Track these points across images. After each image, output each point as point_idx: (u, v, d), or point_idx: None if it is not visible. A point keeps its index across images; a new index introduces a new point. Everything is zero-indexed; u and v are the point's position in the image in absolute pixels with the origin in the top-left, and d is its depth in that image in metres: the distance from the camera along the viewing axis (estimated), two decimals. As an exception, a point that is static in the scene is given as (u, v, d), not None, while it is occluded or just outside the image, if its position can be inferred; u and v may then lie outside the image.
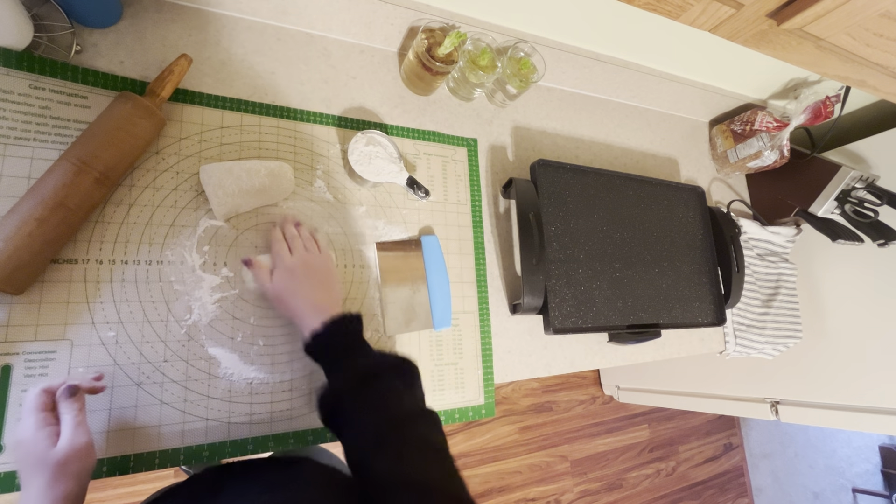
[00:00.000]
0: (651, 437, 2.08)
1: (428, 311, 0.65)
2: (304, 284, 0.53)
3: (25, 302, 0.47)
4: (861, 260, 1.00)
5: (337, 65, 0.69)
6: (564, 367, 0.77)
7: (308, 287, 0.53)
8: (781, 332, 1.02)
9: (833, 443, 2.41)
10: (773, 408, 1.16)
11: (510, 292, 0.75)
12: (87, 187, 0.47)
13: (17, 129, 0.49)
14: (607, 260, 0.78)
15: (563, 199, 0.76)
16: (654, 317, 0.80)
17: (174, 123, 0.57)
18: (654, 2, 0.45)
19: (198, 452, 0.51)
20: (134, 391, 0.49)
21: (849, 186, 0.94)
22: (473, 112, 0.79)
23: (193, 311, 0.53)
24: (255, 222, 0.59)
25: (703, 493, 2.16)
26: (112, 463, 0.47)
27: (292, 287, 0.53)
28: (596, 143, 0.92)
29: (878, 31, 0.46)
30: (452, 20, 0.71)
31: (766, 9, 0.45)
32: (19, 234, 0.43)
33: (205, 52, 0.61)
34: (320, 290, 0.53)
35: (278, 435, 0.55)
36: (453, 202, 0.72)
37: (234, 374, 0.54)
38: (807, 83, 0.97)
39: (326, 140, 0.65)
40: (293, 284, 0.53)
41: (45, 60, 0.51)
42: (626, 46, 0.84)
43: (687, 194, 0.91)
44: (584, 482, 1.87)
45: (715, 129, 1.07)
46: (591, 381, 1.97)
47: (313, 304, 0.52)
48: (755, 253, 1.04)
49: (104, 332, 0.49)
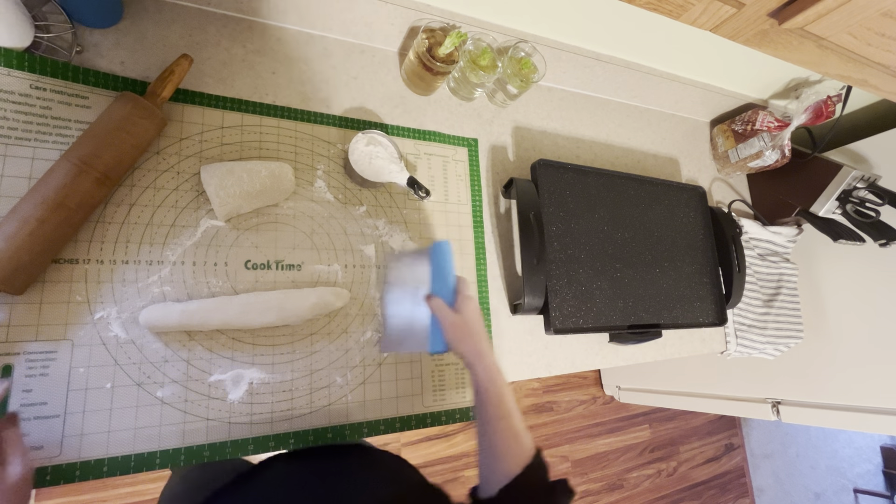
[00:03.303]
0: (652, 438, 2.07)
1: (426, 330, 0.55)
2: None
3: (26, 302, 0.47)
4: (862, 260, 1.00)
5: (337, 65, 0.69)
6: (565, 368, 0.77)
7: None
8: (782, 332, 1.02)
9: (834, 443, 2.41)
10: (774, 408, 1.16)
11: (511, 292, 0.75)
12: (87, 187, 0.47)
13: (18, 130, 0.49)
14: (608, 260, 0.78)
15: (563, 199, 0.76)
16: (654, 317, 0.80)
17: (175, 123, 0.57)
18: (655, 1, 0.45)
19: (198, 452, 0.51)
20: (134, 391, 0.50)
21: (850, 186, 0.93)
22: (474, 112, 0.79)
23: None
24: (256, 222, 0.59)
25: (704, 493, 2.15)
26: (113, 463, 0.47)
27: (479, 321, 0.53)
28: (597, 143, 0.92)
29: (879, 31, 0.46)
30: (453, 20, 0.71)
31: (767, 8, 0.45)
32: (20, 235, 0.44)
33: (205, 53, 0.61)
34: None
35: (279, 435, 0.55)
36: (454, 202, 0.72)
37: (236, 375, 0.54)
38: (808, 83, 0.97)
39: (327, 140, 0.65)
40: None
41: (46, 61, 0.51)
42: (627, 46, 0.84)
43: (688, 194, 0.91)
44: (584, 482, 1.87)
45: (716, 128, 1.07)
46: (592, 381, 1.97)
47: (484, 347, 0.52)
48: (756, 253, 1.03)
49: (105, 332, 0.49)
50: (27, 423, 0.45)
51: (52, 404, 0.46)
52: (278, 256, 0.59)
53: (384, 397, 0.61)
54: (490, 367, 0.50)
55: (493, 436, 0.47)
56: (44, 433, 0.46)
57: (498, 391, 0.49)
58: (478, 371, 0.50)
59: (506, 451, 0.46)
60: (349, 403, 0.59)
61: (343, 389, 0.59)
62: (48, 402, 0.46)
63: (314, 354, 0.58)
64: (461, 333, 0.51)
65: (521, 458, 0.45)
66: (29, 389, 0.46)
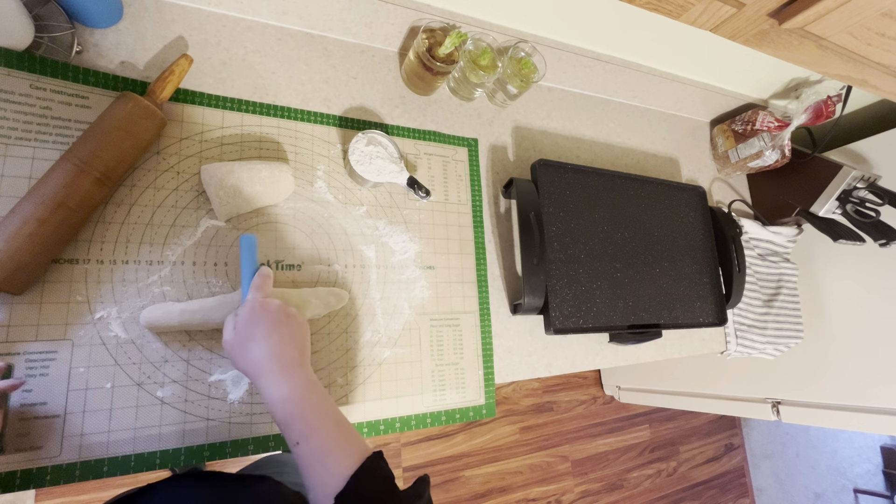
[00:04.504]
0: (652, 438, 2.07)
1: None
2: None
3: (26, 302, 0.47)
4: (862, 260, 1.00)
5: (338, 65, 0.69)
6: (565, 368, 0.77)
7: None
8: (783, 332, 1.02)
9: (834, 443, 2.41)
10: (774, 408, 1.16)
11: (511, 292, 0.75)
12: (87, 187, 0.47)
13: (18, 130, 0.49)
14: (608, 260, 0.78)
15: (563, 199, 0.76)
16: (654, 317, 0.80)
17: (175, 123, 0.57)
18: (655, 1, 0.45)
19: (198, 452, 0.51)
20: (134, 391, 0.49)
21: (850, 186, 0.93)
22: (474, 112, 0.79)
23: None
24: (256, 222, 0.59)
25: (705, 493, 2.15)
26: (113, 463, 0.47)
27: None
28: (597, 143, 0.92)
29: (879, 31, 0.46)
30: (453, 20, 0.71)
31: (767, 8, 0.45)
32: (20, 235, 0.44)
33: (205, 53, 0.61)
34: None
35: (279, 435, 0.55)
36: (454, 202, 0.72)
37: (236, 374, 0.54)
38: (808, 83, 0.97)
39: (327, 140, 0.65)
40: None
41: (46, 60, 0.51)
42: (627, 46, 0.84)
43: (688, 194, 0.91)
44: (584, 482, 1.87)
45: (716, 128, 1.07)
46: (592, 381, 1.97)
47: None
48: (756, 253, 1.03)
49: (105, 332, 0.49)
50: (27, 423, 0.45)
51: (52, 404, 0.46)
52: (278, 256, 0.59)
53: (384, 397, 0.61)
54: (274, 382, 0.42)
55: (297, 458, 0.40)
56: (44, 433, 0.46)
57: (290, 412, 0.41)
58: (261, 390, 0.42)
59: (311, 479, 0.39)
60: (349, 403, 0.59)
61: (343, 389, 0.59)
62: (48, 402, 0.46)
63: (314, 354, 0.58)
64: (230, 348, 0.44)
65: (329, 487, 0.38)
66: (29, 389, 0.46)
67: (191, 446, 0.51)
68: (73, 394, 0.47)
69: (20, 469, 0.44)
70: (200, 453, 0.51)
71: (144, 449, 0.49)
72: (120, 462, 0.48)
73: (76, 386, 0.48)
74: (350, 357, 0.60)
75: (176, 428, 0.50)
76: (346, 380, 0.59)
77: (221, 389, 0.53)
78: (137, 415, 0.49)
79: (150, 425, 0.50)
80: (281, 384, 0.42)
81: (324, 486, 0.38)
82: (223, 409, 0.53)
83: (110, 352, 0.49)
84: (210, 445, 0.51)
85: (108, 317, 0.50)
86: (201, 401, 0.52)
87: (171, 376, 0.51)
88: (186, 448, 0.50)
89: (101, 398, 0.48)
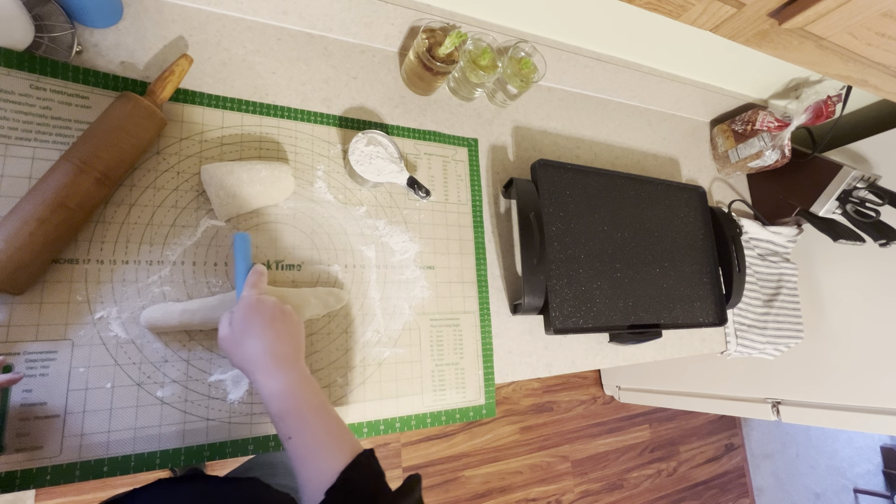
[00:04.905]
0: (652, 438, 2.07)
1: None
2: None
3: (26, 302, 0.47)
4: (863, 260, 1.00)
5: (337, 65, 0.69)
6: (565, 368, 0.77)
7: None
8: (783, 332, 1.02)
9: (834, 443, 2.41)
10: (774, 408, 1.16)
11: (511, 292, 0.75)
12: (87, 187, 0.47)
13: (19, 130, 0.49)
14: (608, 260, 0.78)
15: (563, 199, 0.76)
16: (654, 317, 0.80)
17: (175, 123, 0.57)
18: (655, 1, 0.45)
19: (198, 452, 0.51)
20: (134, 391, 0.49)
21: (850, 186, 0.93)
22: (474, 112, 0.79)
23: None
24: (256, 222, 0.59)
25: (705, 493, 2.15)
26: (113, 463, 0.47)
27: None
28: (597, 143, 0.92)
29: (879, 31, 0.46)
30: (453, 20, 0.71)
31: (767, 8, 0.45)
32: (20, 235, 0.43)
33: (205, 53, 0.61)
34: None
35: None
36: (454, 202, 0.72)
37: (236, 374, 0.54)
38: (808, 83, 0.97)
39: (327, 140, 0.65)
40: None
41: (46, 60, 0.51)
42: (627, 46, 0.84)
43: (688, 194, 0.91)
44: (584, 482, 1.87)
45: (716, 128, 1.07)
46: (592, 381, 1.97)
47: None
48: (756, 253, 1.03)
49: (105, 332, 0.49)
50: (27, 422, 0.45)
51: (52, 404, 0.46)
52: (278, 256, 0.59)
53: (384, 397, 0.61)
54: (269, 377, 0.43)
55: (289, 453, 0.41)
56: (44, 433, 0.46)
57: (284, 406, 0.42)
58: (256, 385, 0.43)
59: (303, 474, 0.40)
60: (349, 403, 0.59)
61: (343, 389, 0.59)
62: (48, 402, 0.46)
63: (314, 354, 0.58)
64: (226, 344, 0.45)
65: (320, 482, 0.38)
66: (29, 389, 0.46)
67: (191, 446, 0.51)
68: (73, 394, 0.47)
69: (20, 469, 0.44)
70: (200, 453, 0.51)
71: (144, 449, 0.49)
72: (120, 462, 0.48)
73: (76, 386, 0.47)
74: (350, 357, 0.60)
75: (176, 428, 0.50)
76: (346, 380, 0.59)
77: (221, 389, 0.53)
78: (137, 415, 0.49)
79: (150, 425, 0.50)
80: (276, 379, 0.43)
81: (315, 481, 0.39)
82: (223, 409, 0.53)
83: (110, 352, 0.49)
84: (210, 445, 0.51)
85: (108, 317, 0.50)
86: (201, 401, 0.52)
87: (171, 376, 0.51)
88: (186, 448, 0.50)
89: (101, 398, 0.48)
